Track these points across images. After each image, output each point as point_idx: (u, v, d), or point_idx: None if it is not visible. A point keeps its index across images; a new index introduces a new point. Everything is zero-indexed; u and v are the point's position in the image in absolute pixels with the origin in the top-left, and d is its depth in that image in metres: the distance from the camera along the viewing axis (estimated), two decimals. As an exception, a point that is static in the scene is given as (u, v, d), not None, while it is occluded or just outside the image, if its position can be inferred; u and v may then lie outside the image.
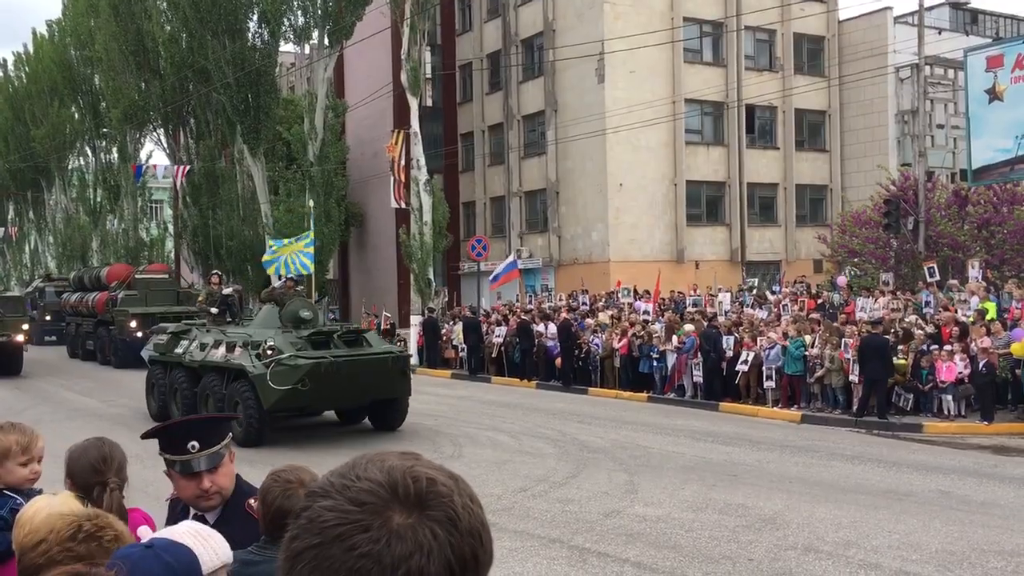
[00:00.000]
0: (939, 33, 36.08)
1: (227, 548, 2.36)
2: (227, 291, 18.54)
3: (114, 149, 49.65)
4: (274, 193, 36.00)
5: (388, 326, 28.74)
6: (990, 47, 25.33)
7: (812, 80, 37.89)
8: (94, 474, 3.04)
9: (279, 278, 21.95)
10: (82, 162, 55.08)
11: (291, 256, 22.90)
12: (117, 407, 19.35)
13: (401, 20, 32.33)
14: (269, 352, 14.12)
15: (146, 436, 3.23)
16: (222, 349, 15.30)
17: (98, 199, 52.25)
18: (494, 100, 40.38)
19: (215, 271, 19.50)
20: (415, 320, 29.17)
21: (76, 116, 52.60)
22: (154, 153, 73.01)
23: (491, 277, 28.96)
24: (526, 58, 38.64)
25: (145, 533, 2.45)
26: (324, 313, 34.87)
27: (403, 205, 33.07)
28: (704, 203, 36.67)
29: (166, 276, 32.41)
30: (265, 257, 24.45)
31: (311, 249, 23.48)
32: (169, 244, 52.02)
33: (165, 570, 1.95)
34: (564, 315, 24.21)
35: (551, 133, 36.13)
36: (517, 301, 29.82)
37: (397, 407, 15.63)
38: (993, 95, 23.48)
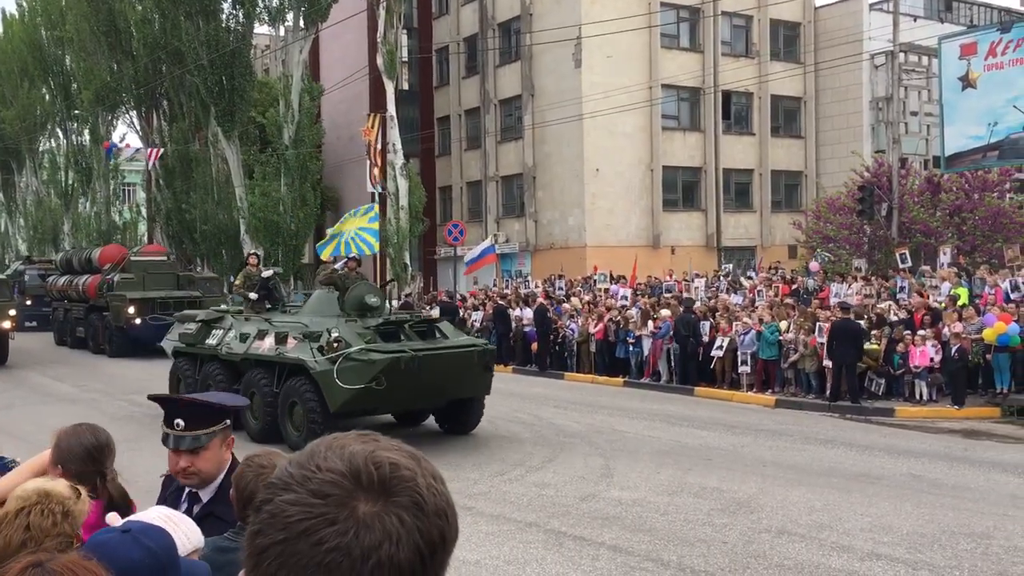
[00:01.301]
0: (914, 20, 36.28)
1: (199, 533, 2.36)
2: (267, 273, 16.08)
3: (86, 131, 49.04)
4: (249, 177, 35.70)
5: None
6: (964, 35, 25.52)
7: (788, 66, 38.02)
8: (91, 463, 3.00)
9: (333, 259, 19.80)
10: (53, 144, 54.35)
11: (352, 233, 20.25)
12: (92, 392, 19.17)
13: (377, 3, 32.10)
14: (335, 345, 12.20)
15: (152, 398, 3.41)
16: (269, 340, 13.43)
17: (70, 181, 51.62)
18: (471, 84, 40.22)
19: (253, 251, 16.33)
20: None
21: (47, 97, 51.83)
22: (127, 135, 72.19)
23: (466, 261, 28.88)
24: (503, 42, 38.49)
25: (114, 520, 2.42)
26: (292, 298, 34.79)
27: (379, 189, 32.92)
28: (680, 188, 36.78)
29: (164, 258, 30.00)
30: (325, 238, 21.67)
31: (375, 225, 20.62)
32: (142, 227, 51.49)
33: (146, 554, 1.92)
34: (541, 300, 24.25)
35: (528, 118, 36.05)
36: (494, 286, 29.82)
37: (474, 408, 13.74)
38: (966, 83, 23.68)
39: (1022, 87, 22.63)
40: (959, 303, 17.26)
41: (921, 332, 16.57)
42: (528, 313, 23.57)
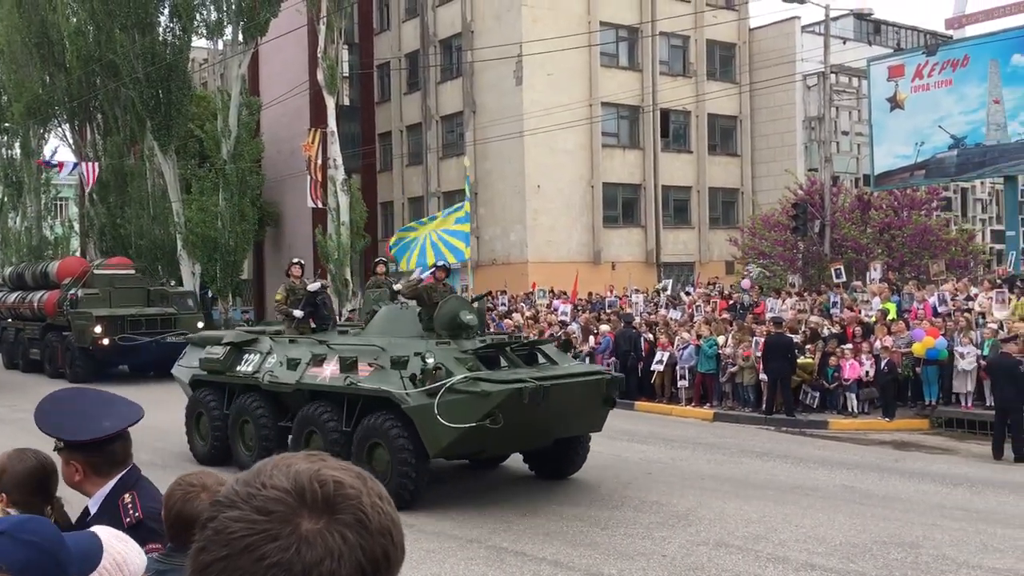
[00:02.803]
0: (844, 43, 37.34)
1: (143, 556, 2.35)
2: (314, 286, 13.52)
3: (16, 144, 47.77)
4: (186, 192, 35.15)
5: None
6: (891, 57, 26.38)
7: (724, 86, 38.79)
8: (39, 491, 2.87)
9: (403, 268, 16.79)
10: (-19, 157, 52.82)
11: (434, 237, 16.98)
12: (21, 412, 18.64)
13: (317, 18, 31.97)
14: (436, 373, 10.00)
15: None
16: (331, 367, 11.21)
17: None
18: (412, 100, 40.23)
19: (296, 260, 14.46)
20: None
21: (-25, 110, 50.42)
22: (59, 149, 70.56)
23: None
24: (444, 59, 38.61)
25: None
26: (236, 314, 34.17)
27: (320, 205, 32.70)
28: (620, 205, 37.20)
29: (132, 272, 27.13)
30: (393, 239, 18.75)
31: (466, 227, 17.24)
32: (75, 243, 50.32)
33: (28, 549, 1.76)
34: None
35: (470, 134, 36.18)
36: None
37: (581, 447, 11.67)
38: (894, 103, 24.47)
39: (947, 108, 23.47)
40: (889, 318, 17.77)
41: (851, 346, 17.01)
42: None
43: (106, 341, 23.00)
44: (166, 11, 34.05)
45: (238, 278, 35.41)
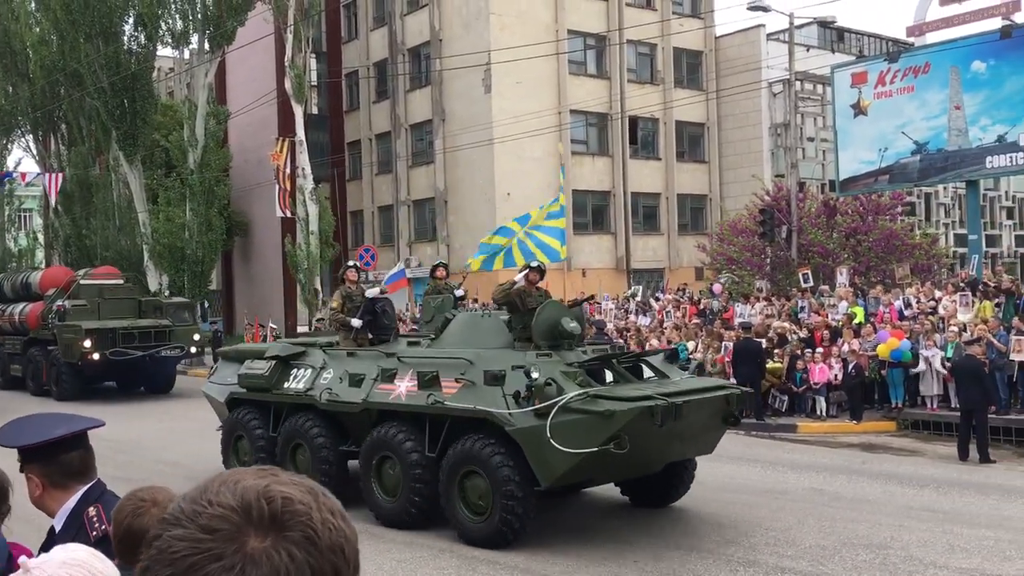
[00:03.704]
0: (808, 50, 37.76)
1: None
2: (372, 292, 12.01)
3: (-22, 155, 47.10)
4: (152, 202, 34.83)
5: (275, 337, 28.20)
6: (855, 64, 26.73)
7: (691, 93, 39.09)
8: None
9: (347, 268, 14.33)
10: (-58, 168, 52.00)
11: (521, 236, 14.89)
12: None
13: (284, 26, 31.85)
14: (547, 389, 8.62)
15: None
16: (405, 383, 9.84)
17: (-39, 207, 49.43)
18: (381, 108, 40.16)
19: (352, 263, 12.80)
20: (302, 331, 28.72)
21: (-65, 120, 49.64)
22: (23, 160, 69.63)
23: (384, 283, 28.60)
24: (413, 67, 38.60)
25: (24, 564, 2.34)
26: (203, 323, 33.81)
27: (288, 214, 32.52)
28: (590, 212, 37.35)
29: (121, 282, 25.33)
30: (484, 240, 16.85)
31: (560, 223, 15.07)
32: (40, 254, 49.67)
33: None
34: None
35: (439, 142, 36.17)
36: (407, 311, 29.71)
37: (688, 472, 10.45)
38: (858, 110, 24.78)
39: (910, 114, 23.80)
40: (855, 321, 17.98)
41: (819, 350, 17.18)
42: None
43: (96, 356, 21.46)
44: (131, 20, 33.76)
45: (206, 288, 35.11)
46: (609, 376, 9.61)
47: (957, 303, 17.43)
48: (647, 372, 10.02)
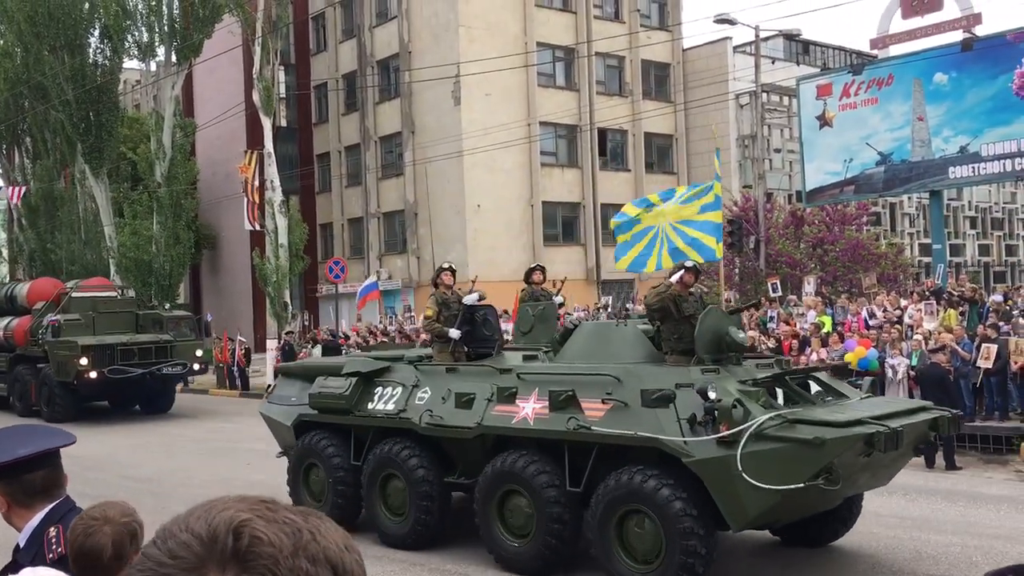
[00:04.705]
0: (773, 63, 38.21)
1: None
2: (470, 298, 10.43)
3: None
4: (119, 215, 34.49)
5: (243, 351, 27.97)
6: (819, 77, 27.10)
7: (659, 105, 39.40)
8: None
9: (620, 267, 13.27)
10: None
11: (668, 229, 12.50)
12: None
13: (252, 39, 31.72)
14: (734, 411, 7.20)
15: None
16: (533, 403, 8.32)
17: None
18: (350, 121, 40.09)
19: (447, 264, 11.24)
20: (271, 344, 28.52)
21: None
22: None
23: (358, 295, 28.41)
24: (382, 79, 38.58)
25: None
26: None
27: (257, 227, 32.32)
28: (560, 223, 37.48)
29: (116, 295, 23.59)
30: (615, 222, 13.51)
31: (716, 216, 12.63)
32: (3, 269, 48.98)
33: None
34: (424, 336, 24.19)
35: (408, 154, 36.16)
36: (380, 323, 29.61)
37: (857, 505, 9.13)
38: (823, 121, 25.12)
39: (874, 126, 24.16)
40: (823, 331, 18.16)
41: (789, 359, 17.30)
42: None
43: (94, 374, 19.96)
44: (96, 32, 33.51)
45: (174, 302, 34.79)
46: (786, 395, 8.16)
47: (922, 312, 17.67)
48: (814, 388, 8.60)
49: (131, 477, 14.00)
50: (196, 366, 22.53)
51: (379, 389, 9.72)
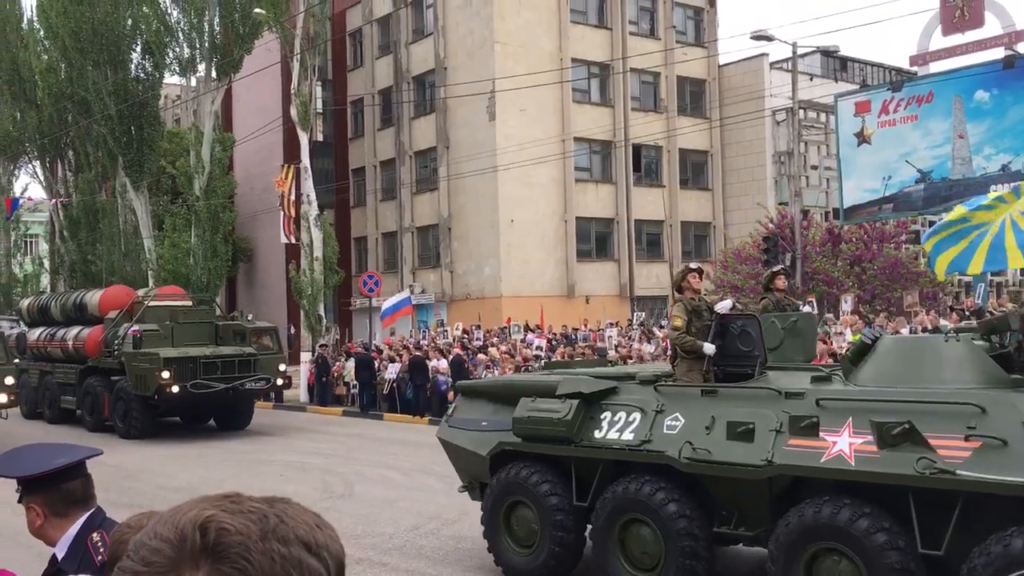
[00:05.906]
0: (811, 79, 37.98)
1: None
2: (723, 306, 8.92)
3: (-15, 181, 47.41)
4: (158, 228, 34.99)
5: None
6: (858, 93, 26.88)
7: (695, 121, 39.29)
8: None
9: (937, 271, 10.82)
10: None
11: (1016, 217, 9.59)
12: None
13: (290, 55, 32.13)
14: None
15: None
16: (847, 437, 6.41)
17: (-32, 233, 49.66)
18: (386, 136, 40.41)
19: (695, 265, 9.29)
20: (305, 357, 28.71)
21: (-56, 146, 50.00)
22: (30, 186, 70.12)
23: (382, 312, 28.59)
24: (418, 95, 38.87)
25: None
26: None
27: (293, 240, 32.62)
28: (593, 239, 37.44)
29: (191, 304, 22.35)
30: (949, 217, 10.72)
31: None
32: (45, 280, 49.83)
33: None
34: (457, 350, 24.24)
35: (443, 169, 36.35)
36: (411, 337, 29.69)
37: None
38: (862, 138, 24.89)
39: (913, 143, 23.91)
40: (860, 349, 17.90)
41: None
42: (444, 364, 23.51)
43: (176, 388, 18.70)
44: (138, 48, 34.13)
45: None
46: None
47: (962, 331, 17.36)
48: None
49: (166, 487, 14.13)
50: (280, 381, 21.27)
51: (607, 414, 7.93)
